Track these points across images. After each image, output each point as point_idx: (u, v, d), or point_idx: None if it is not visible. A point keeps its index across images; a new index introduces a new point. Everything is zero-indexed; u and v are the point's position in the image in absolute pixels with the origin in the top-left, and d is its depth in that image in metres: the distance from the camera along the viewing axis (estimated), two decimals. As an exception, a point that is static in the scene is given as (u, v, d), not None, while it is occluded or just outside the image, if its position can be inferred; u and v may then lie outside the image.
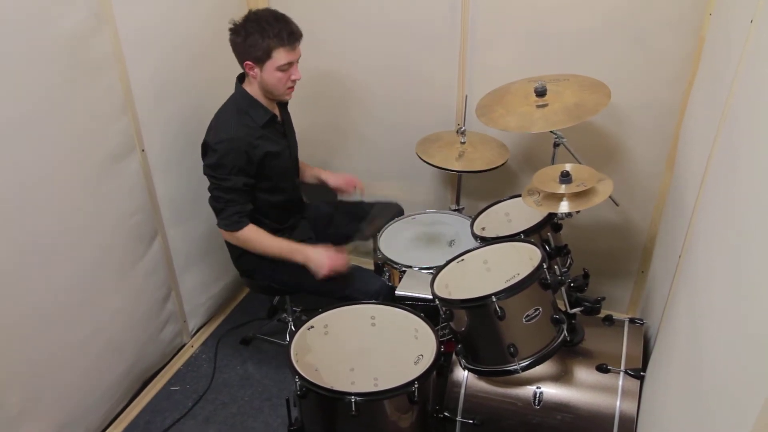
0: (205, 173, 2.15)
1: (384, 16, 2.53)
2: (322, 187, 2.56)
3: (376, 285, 2.20)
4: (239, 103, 2.15)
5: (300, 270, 2.19)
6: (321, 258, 2.15)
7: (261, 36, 2.01)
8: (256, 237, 2.17)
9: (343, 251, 2.18)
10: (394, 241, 2.41)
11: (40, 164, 1.81)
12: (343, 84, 2.76)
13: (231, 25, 2.08)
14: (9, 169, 1.72)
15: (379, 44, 2.60)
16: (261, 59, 2.05)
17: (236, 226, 2.14)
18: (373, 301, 2.10)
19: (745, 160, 1.20)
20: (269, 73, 2.07)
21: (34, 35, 1.73)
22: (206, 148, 2.12)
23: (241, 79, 2.19)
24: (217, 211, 2.16)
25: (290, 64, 2.09)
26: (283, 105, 2.32)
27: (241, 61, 2.10)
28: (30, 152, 1.77)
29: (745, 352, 0.96)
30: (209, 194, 2.18)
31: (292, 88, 2.16)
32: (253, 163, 2.12)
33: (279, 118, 2.25)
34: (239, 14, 2.10)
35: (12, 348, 1.82)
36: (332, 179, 2.51)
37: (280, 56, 2.04)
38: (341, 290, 2.20)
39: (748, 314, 0.98)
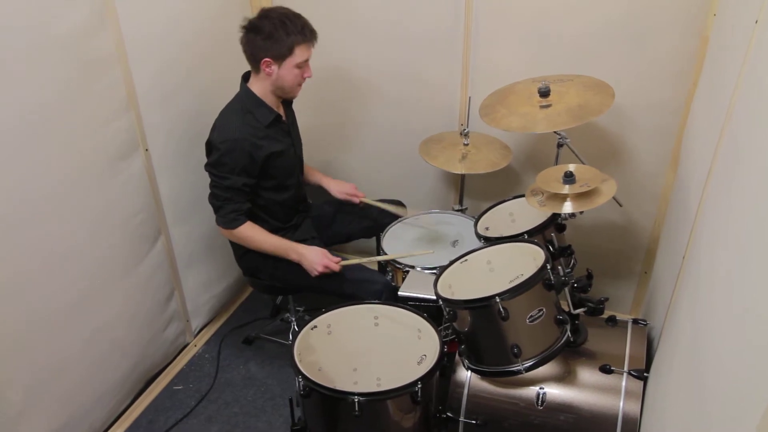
0: (206, 170, 2.15)
1: (386, 17, 2.53)
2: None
3: (379, 283, 2.20)
4: (244, 103, 2.15)
5: (301, 268, 2.19)
6: (315, 257, 2.16)
7: (285, 32, 2.02)
8: (252, 235, 2.18)
9: (337, 258, 2.19)
10: (398, 241, 2.41)
11: (43, 164, 1.82)
12: (346, 85, 2.76)
13: (245, 24, 2.07)
14: (13, 169, 1.72)
15: (381, 46, 2.59)
16: (283, 56, 2.06)
17: (233, 224, 2.15)
18: (376, 299, 2.10)
19: (749, 160, 1.20)
20: (287, 70, 2.08)
21: (35, 34, 1.73)
22: (210, 147, 2.13)
23: (245, 78, 2.20)
24: (215, 209, 2.17)
25: (306, 61, 2.11)
26: (287, 103, 2.33)
27: (257, 59, 2.08)
28: (33, 152, 1.78)
29: (748, 354, 0.95)
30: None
31: (301, 85, 2.18)
32: (256, 163, 2.12)
33: (283, 117, 2.26)
34: (243, 14, 2.10)
35: (16, 347, 1.82)
36: (334, 189, 2.50)
37: (301, 52, 2.07)
38: (344, 288, 2.20)
39: (751, 316, 0.98)
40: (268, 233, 2.21)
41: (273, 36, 2.03)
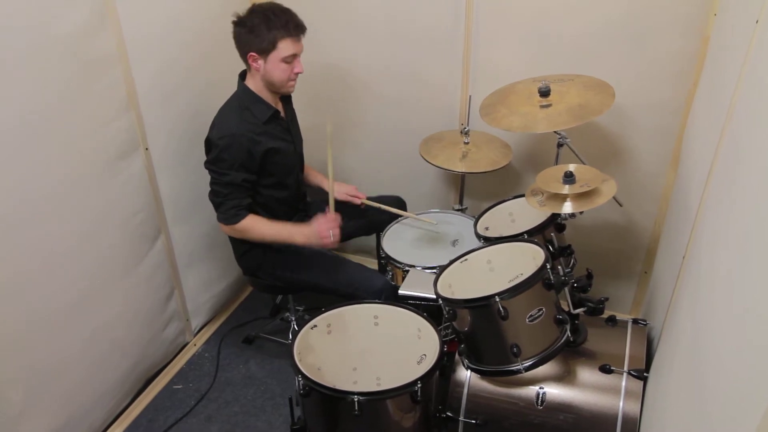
0: (205, 167, 2.16)
1: (386, 17, 2.52)
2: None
3: (379, 283, 2.20)
4: (241, 100, 2.16)
5: (302, 266, 2.19)
6: (316, 232, 2.14)
7: (267, 27, 2.03)
8: (253, 225, 2.17)
9: (329, 214, 2.16)
10: (398, 241, 2.41)
11: (43, 164, 1.82)
12: (346, 84, 2.76)
13: (234, 18, 2.09)
14: (13, 169, 1.72)
15: (381, 45, 2.59)
16: (266, 50, 2.06)
17: (234, 219, 2.15)
18: (377, 299, 2.10)
19: (750, 160, 1.20)
20: (273, 65, 2.08)
21: (35, 34, 1.73)
22: (209, 145, 2.14)
23: (243, 76, 2.20)
24: (216, 205, 2.18)
25: (294, 56, 2.11)
26: (287, 100, 2.33)
27: (244, 53, 2.10)
28: (33, 152, 1.78)
29: (748, 354, 0.95)
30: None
31: (294, 81, 2.18)
32: (254, 158, 2.12)
33: (282, 114, 2.26)
34: (243, 11, 2.11)
35: (16, 346, 1.82)
36: (335, 190, 2.48)
37: (285, 47, 2.06)
38: (345, 288, 2.20)
39: (752, 316, 0.98)
40: (270, 222, 2.20)
41: (254, 30, 2.04)
